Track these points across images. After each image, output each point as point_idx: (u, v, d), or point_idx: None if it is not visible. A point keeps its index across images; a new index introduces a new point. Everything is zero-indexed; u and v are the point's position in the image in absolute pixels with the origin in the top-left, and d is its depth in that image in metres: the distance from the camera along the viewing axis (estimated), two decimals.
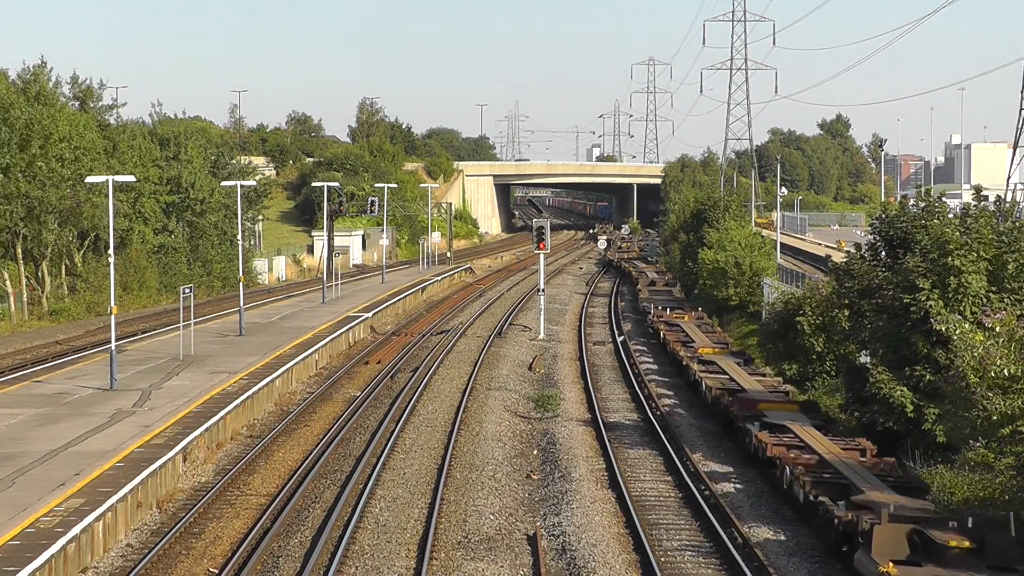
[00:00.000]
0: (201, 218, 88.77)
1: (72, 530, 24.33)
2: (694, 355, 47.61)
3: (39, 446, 31.80)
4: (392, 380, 48.82)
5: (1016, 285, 30.97)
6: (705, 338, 52.72)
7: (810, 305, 42.25)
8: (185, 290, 48.93)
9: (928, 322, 30.07)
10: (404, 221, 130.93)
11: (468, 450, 35.61)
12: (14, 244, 70.31)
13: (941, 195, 35.61)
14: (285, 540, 26.88)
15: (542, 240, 64.13)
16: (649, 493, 31.15)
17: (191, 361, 47.45)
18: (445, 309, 76.49)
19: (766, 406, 35.16)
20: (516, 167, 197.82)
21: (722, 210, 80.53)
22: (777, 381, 41.23)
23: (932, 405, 29.29)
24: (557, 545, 26.41)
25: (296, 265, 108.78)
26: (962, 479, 28.33)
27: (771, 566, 24.80)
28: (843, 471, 27.45)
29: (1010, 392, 22.66)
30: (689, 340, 52.28)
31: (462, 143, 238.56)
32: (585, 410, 42.75)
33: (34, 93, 71.98)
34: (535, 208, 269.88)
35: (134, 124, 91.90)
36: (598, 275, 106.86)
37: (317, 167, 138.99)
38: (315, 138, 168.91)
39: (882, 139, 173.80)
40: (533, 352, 56.97)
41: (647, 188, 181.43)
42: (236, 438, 37.51)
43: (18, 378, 44.66)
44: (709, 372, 43.13)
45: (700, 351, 48.58)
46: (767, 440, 30.85)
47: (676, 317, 60.98)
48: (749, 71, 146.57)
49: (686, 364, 46.50)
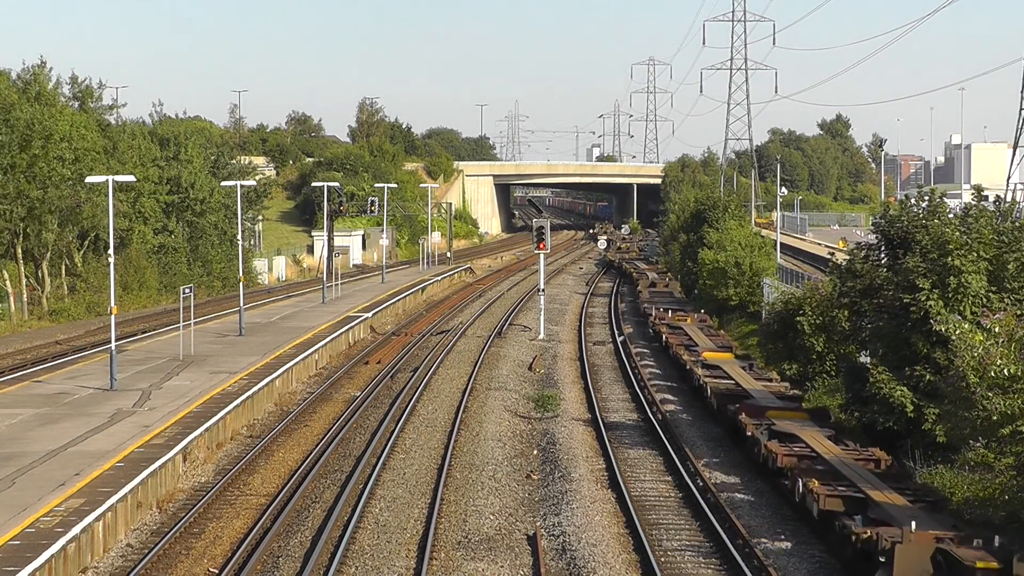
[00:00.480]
0: (201, 218, 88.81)
1: (72, 530, 24.33)
2: (697, 359, 46.46)
3: (39, 446, 31.80)
4: (392, 380, 48.81)
5: (1016, 285, 30.97)
6: (708, 341, 51.93)
7: (810, 305, 42.24)
8: (185, 290, 48.94)
9: (928, 322, 30.05)
10: (404, 221, 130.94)
11: (468, 450, 35.61)
12: (14, 244, 70.32)
13: (942, 195, 35.56)
14: (285, 540, 26.87)
15: (542, 240, 64.14)
16: (649, 494, 31.13)
17: (191, 361, 47.45)
18: (445, 309, 76.49)
19: (775, 413, 34.14)
20: (516, 167, 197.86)
21: (722, 210, 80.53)
22: (784, 386, 40.31)
23: (932, 405, 29.28)
24: (557, 545, 26.41)
25: (296, 265, 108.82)
26: (962, 479, 28.35)
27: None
28: (859, 483, 26.22)
29: (1010, 392, 22.63)
30: (692, 343, 51.34)
31: (462, 143, 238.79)
32: (585, 410, 42.74)
33: (34, 93, 71.97)
34: (535, 208, 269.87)
35: (134, 124, 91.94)
36: (598, 275, 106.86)
37: (317, 167, 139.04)
38: (315, 138, 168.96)
39: (882, 139, 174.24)
40: (533, 352, 56.96)
41: (647, 188, 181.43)
42: (236, 438, 37.52)
43: (18, 378, 44.67)
44: (713, 376, 42.01)
45: (704, 355, 47.22)
46: (777, 450, 29.69)
47: (678, 319, 59.93)
48: (749, 71, 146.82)
49: (689, 368, 45.44)
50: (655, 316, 61.91)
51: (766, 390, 38.75)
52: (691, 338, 53.03)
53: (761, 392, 38.35)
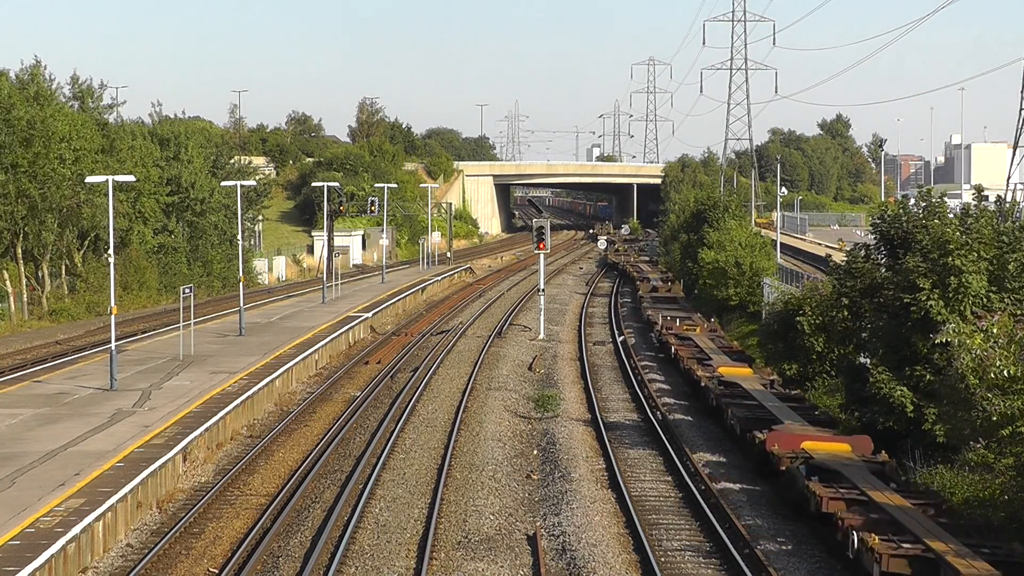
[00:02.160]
0: (201, 218, 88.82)
1: (72, 530, 24.32)
2: (713, 375, 41.93)
3: (39, 446, 31.79)
4: (392, 380, 48.81)
5: (1016, 285, 30.96)
6: (723, 355, 47.46)
7: (810, 305, 42.23)
8: (185, 290, 48.94)
9: (928, 322, 30.05)
10: (404, 221, 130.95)
11: (468, 450, 35.60)
12: (14, 244, 70.32)
13: (942, 195, 35.56)
14: (285, 540, 26.87)
15: (542, 240, 64.13)
16: (649, 494, 31.13)
17: (191, 361, 47.44)
18: (445, 309, 76.49)
19: (812, 445, 29.64)
20: (516, 167, 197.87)
21: (722, 210, 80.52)
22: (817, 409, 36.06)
23: (932, 405, 29.26)
24: (557, 545, 26.40)
25: (296, 265, 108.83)
26: (962, 479, 28.36)
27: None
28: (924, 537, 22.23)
29: (1010, 393, 22.65)
30: (704, 357, 47.10)
31: (462, 143, 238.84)
32: (585, 410, 42.74)
33: (33, 93, 71.96)
34: (535, 208, 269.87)
35: (134, 124, 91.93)
36: (598, 275, 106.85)
37: (317, 167, 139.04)
38: (315, 138, 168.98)
39: (882, 139, 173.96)
40: (533, 352, 56.96)
41: (647, 188, 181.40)
42: (236, 438, 37.51)
43: (18, 378, 44.66)
44: (733, 398, 37.70)
45: (720, 370, 42.72)
46: (821, 493, 25.58)
47: (687, 329, 55.60)
48: (749, 71, 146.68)
49: (704, 386, 41.09)
50: (661, 325, 57.94)
51: (796, 413, 34.53)
52: (702, 350, 48.96)
53: (791, 417, 33.89)
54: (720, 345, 50.78)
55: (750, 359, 47.09)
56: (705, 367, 44.52)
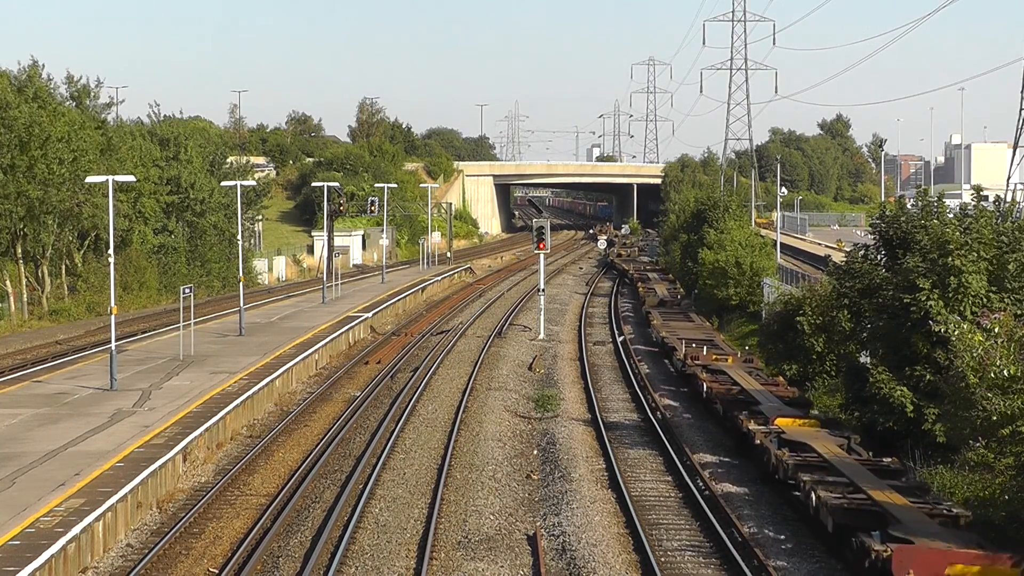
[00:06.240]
0: (201, 218, 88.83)
1: (72, 530, 24.32)
2: (769, 430, 31.94)
3: (39, 446, 31.79)
4: (392, 380, 48.81)
5: (1016, 285, 30.96)
6: (772, 398, 36.83)
7: (810, 305, 42.26)
8: (185, 290, 48.93)
9: (928, 322, 30.04)
10: (404, 221, 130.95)
11: (468, 450, 35.60)
12: (14, 244, 70.31)
13: (941, 195, 35.57)
14: (285, 540, 26.87)
15: (542, 240, 64.12)
16: (649, 494, 31.12)
17: (191, 361, 47.44)
18: (445, 309, 76.48)
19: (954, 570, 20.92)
20: (516, 167, 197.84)
21: (722, 210, 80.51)
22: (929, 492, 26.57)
23: (932, 405, 29.27)
24: (557, 545, 26.40)
25: (296, 265, 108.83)
26: (962, 479, 28.36)
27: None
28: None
29: (1010, 392, 22.65)
30: (751, 400, 36.79)
31: (462, 143, 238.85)
32: (585, 410, 42.74)
33: (31, 93, 71.95)
34: (535, 208, 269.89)
35: (133, 124, 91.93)
36: (598, 275, 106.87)
37: (317, 167, 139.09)
38: (315, 138, 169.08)
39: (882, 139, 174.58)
40: (533, 352, 56.95)
41: (647, 188, 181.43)
42: (236, 438, 37.51)
43: (18, 378, 44.66)
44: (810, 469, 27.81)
45: (777, 422, 32.86)
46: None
47: (717, 359, 45.54)
48: (749, 71, 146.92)
49: (760, 443, 31.46)
50: (685, 354, 47.26)
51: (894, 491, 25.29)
52: (744, 388, 38.81)
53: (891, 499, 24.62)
54: (759, 379, 41.02)
55: (807, 402, 37.78)
56: (756, 417, 34.06)
